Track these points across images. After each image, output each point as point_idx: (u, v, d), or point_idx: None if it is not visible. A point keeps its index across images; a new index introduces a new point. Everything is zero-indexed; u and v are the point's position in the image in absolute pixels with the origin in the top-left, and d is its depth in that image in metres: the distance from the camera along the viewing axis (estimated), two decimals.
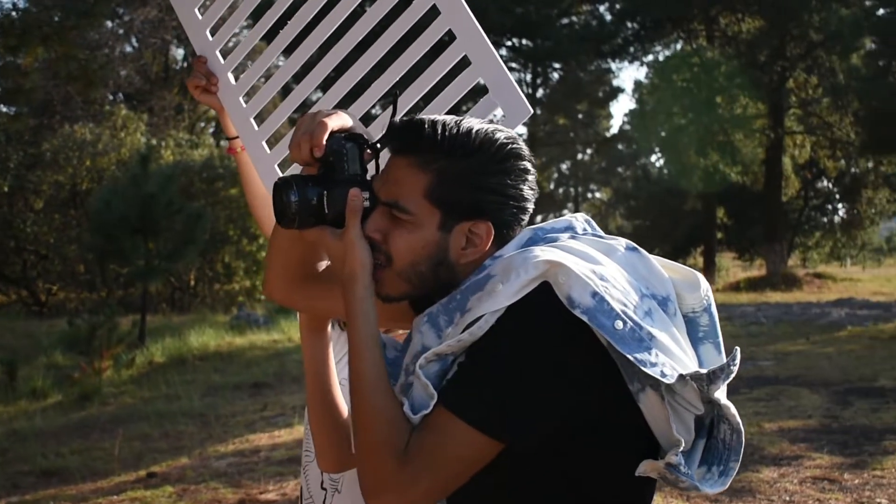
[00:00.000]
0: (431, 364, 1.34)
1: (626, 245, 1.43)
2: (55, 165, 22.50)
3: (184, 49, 29.42)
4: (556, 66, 31.26)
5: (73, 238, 22.22)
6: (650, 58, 31.35)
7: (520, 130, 1.78)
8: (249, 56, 2.74)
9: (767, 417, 7.28)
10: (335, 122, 1.43)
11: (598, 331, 1.26)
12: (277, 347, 13.07)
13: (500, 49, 28.51)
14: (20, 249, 22.98)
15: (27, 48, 9.36)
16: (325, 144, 1.41)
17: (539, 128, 34.19)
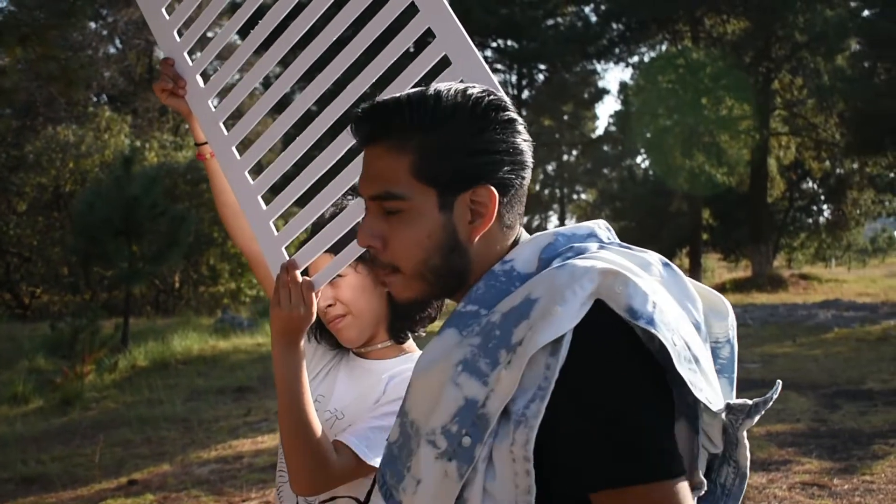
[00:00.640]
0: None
1: (661, 260, 1.28)
2: (38, 167, 22.42)
3: None
4: (542, 68, 31.24)
5: (57, 240, 22.14)
6: (635, 59, 31.42)
7: None
8: (219, 57, 2.65)
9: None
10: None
11: (664, 343, 1.12)
12: (262, 351, 12.96)
13: (485, 50, 28.50)
14: (3, 252, 22.88)
15: (5, 48, 9.27)
16: None
17: None
